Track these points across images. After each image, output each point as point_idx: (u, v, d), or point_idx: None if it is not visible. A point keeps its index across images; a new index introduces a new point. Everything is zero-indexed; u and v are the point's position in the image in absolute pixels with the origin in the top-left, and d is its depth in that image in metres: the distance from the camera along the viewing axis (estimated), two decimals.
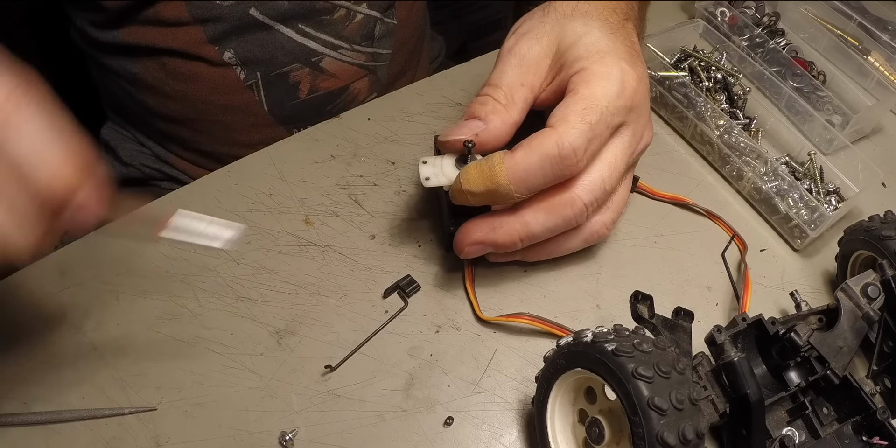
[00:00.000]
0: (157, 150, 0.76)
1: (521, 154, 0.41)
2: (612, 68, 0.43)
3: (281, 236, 0.52)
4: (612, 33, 0.45)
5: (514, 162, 0.41)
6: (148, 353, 0.46)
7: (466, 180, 0.42)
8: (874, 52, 0.66)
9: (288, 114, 0.70)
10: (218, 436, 0.43)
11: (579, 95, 0.42)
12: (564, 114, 0.41)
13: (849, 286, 0.43)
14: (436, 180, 0.45)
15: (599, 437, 0.38)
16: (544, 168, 0.41)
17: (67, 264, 0.50)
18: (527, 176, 0.41)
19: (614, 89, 0.42)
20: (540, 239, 0.45)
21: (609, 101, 0.42)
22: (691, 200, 0.56)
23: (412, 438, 0.43)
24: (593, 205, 0.44)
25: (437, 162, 0.46)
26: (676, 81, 0.61)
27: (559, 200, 0.43)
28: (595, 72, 0.43)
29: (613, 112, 0.42)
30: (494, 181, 0.41)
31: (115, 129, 0.78)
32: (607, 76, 0.42)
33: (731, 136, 0.57)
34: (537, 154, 0.41)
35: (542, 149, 0.41)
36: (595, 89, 0.42)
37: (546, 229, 0.44)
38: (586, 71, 0.43)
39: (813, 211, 0.53)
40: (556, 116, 0.42)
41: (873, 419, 0.40)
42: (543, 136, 0.41)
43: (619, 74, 0.43)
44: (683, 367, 0.35)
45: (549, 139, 0.41)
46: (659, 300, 0.42)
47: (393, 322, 0.48)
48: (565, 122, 0.41)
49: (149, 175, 0.78)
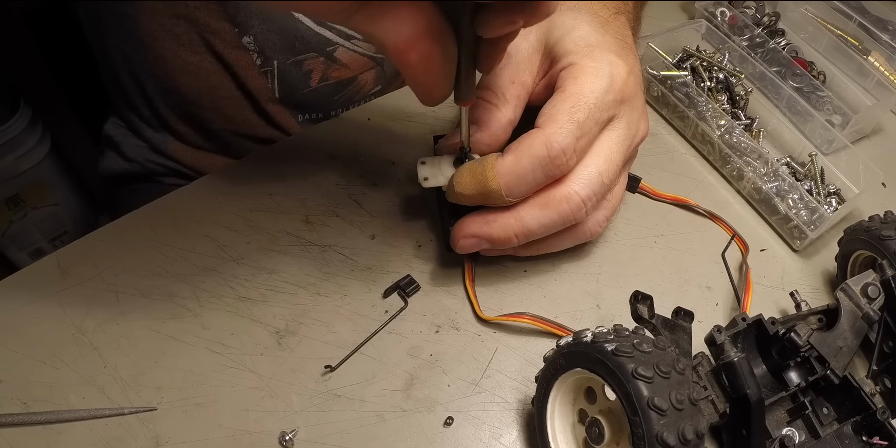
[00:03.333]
0: (156, 140, 0.76)
1: (510, 158, 0.41)
2: (601, 62, 0.43)
3: (281, 236, 0.52)
4: (601, 26, 0.45)
5: (505, 166, 0.41)
6: (148, 353, 0.46)
7: (459, 183, 0.43)
8: (874, 52, 0.66)
9: (297, 101, 0.71)
10: (218, 436, 0.43)
11: (567, 93, 0.42)
12: (552, 113, 0.42)
13: (849, 286, 0.43)
14: (434, 181, 0.45)
15: (599, 437, 0.38)
16: (535, 170, 0.41)
17: (67, 264, 0.50)
18: (517, 179, 0.41)
19: (602, 84, 0.42)
20: (537, 235, 0.45)
21: (597, 96, 0.42)
22: (693, 201, 0.56)
23: (412, 438, 0.43)
24: (591, 199, 0.43)
25: (435, 162, 0.46)
26: (678, 81, 0.61)
27: (555, 196, 0.43)
28: (583, 67, 0.43)
29: (602, 108, 0.42)
30: (485, 185, 0.42)
31: (118, 124, 0.79)
32: (596, 71, 0.42)
33: (732, 136, 0.57)
34: (527, 157, 0.41)
35: (532, 151, 0.41)
36: (583, 85, 0.42)
37: (542, 226, 0.44)
38: (574, 66, 0.43)
39: (812, 212, 0.53)
40: (543, 115, 0.42)
41: (873, 419, 0.40)
42: (532, 137, 0.41)
43: (607, 68, 0.43)
44: (683, 368, 0.35)
45: (538, 141, 0.41)
46: (659, 300, 0.42)
47: (393, 322, 0.48)
48: (553, 121, 0.41)
49: (151, 170, 0.78)
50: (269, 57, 0.66)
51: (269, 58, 0.66)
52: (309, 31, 0.66)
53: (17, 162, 1.11)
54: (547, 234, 0.45)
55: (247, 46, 0.65)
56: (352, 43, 0.69)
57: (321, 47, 0.67)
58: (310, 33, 0.66)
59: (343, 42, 0.68)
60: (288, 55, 0.66)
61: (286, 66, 0.67)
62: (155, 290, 0.49)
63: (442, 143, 0.47)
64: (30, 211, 1.16)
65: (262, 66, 0.67)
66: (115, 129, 0.79)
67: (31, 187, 1.15)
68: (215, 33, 0.64)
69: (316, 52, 0.67)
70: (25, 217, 1.17)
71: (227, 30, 0.64)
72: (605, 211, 0.47)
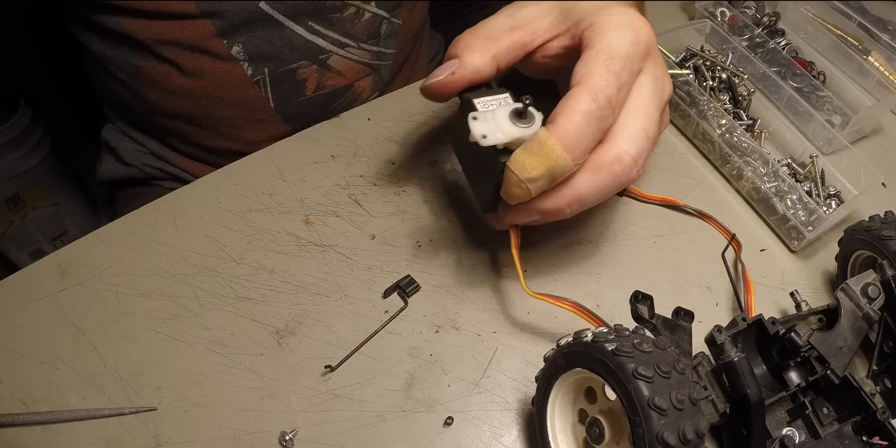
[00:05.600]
0: (156, 148, 0.76)
1: (562, 120, 0.39)
2: (621, 17, 0.43)
3: (281, 236, 0.52)
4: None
5: (561, 130, 0.39)
6: (148, 353, 0.46)
7: (522, 168, 0.39)
8: (874, 52, 0.66)
9: (293, 111, 0.70)
10: (218, 436, 0.43)
11: (597, 48, 0.42)
12: (587, 69, 0.41)
13: (849, 286, 0.43)
14: (493, 138, 0.39)
15: (599, 437, 0.38)
16: (590, 125, 0.39)
17: (67, 264, 0.50)
18: (577, 139, 0.39)
19: (629, 36, 0.42)
20: (589, 203, 0.42)
21: (627, 47, 0.42)
22: (682, 202, 0.56)
23: (412, 438, 0.43)
24: (641, 157, 0.42)
25: (489, 117, 0.40)
26: (680, 80, 0.61)
27: (605, 158, 0.41)
28: (605, 24, 0.43)
29: (634, 58, 0.42)
30: (551, 157, 0.38)
31: (116, 129, 0.78)
32: (619, 25, 0.42)
33: (733, 136, 0.57)
34: (578, 113, 0.39)
35: (581, 107, 0.39)
36: (610, 39, 0.42)
37: (597, 191, 0.41)
38: (596, 24, 0.43)
39: (811, 213, 0.53)
40: (578, 74, 0.41)
41: (873, 419, 0.40)
42: (575, 95, 0.40)
43: (628, 21, 0.43)
44: (684, 367, 0.35)
45: (584, 96, 0.40)
46: (659, 300, 0.42)
47: (393, 322, 0.48)
48: (590, 75, 0.40)
49: (150, 174, 0.78)
50: (260, 65, 0.66)
51: (259, 66, 0.66)
52: (300, 40, 0.65)
53: (17, 162, 1.11)
54: (601, 201, 0.43)
55: (236, 57, 0.64)
56: (346, 50, 0.69)
57: (314, 55, 0.67)
58: (301, 41, 0.66)
59: (337, 50, 0.68)
60: (279, 63, 0.66)
61: (278, 75, 0.67)
62: (155, 290, 0.49)
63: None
64: (30, 211, 1.16)
65: (253, 76, 0.66)
66: (113, 134, 0.78)
67: (31, 187, 1.15)
68: (204, 50, 0.64)
69: (308, 59, 0.67)
70: (25, 217, 1.17)
71: (216, 44, 0.63)
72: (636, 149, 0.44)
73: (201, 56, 0.64)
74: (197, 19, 0.62)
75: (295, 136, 0.59)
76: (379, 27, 0.70)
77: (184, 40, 0.63)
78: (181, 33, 0.62)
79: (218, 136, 0.72)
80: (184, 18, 0.61)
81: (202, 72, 0.65)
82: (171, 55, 0.64)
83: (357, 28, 0.68)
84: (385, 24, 0.70)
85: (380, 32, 0.70)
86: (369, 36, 0.69)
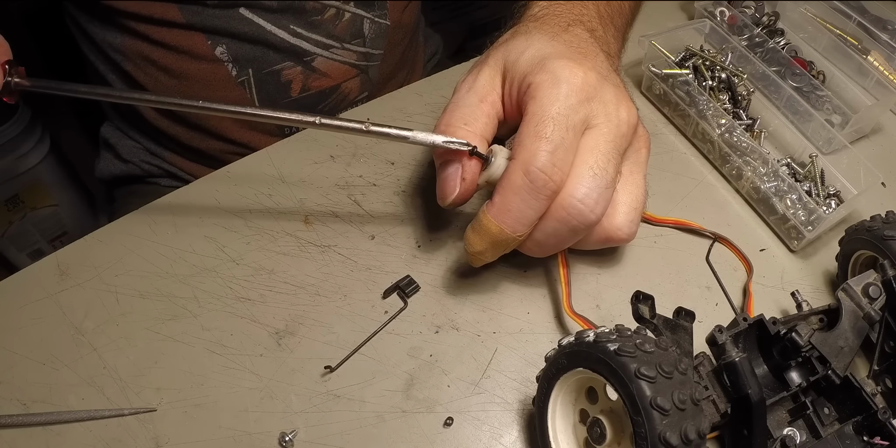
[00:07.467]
0: (152, 147, 0.77)
1: (497, 198, 0.42)
2: (552, 73, 0.42)
3: (280, 237, 0.52)
4: (551, 39, 0.46)
5: (496, 208, 0.41)
6: (147, 353, 0.46)
7: (468, 244, 0.44)
8: (874, 52, 0.66)
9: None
10: (218, 437, 0.43)
11: (528, 114, 0.42)
12: (520, 139, 0.42)
13: (850, 286, 0.43)
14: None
15: (601, 437, 0.37)
16: (525, 200, 0.41)
17: (67, 264, 0.50)
18: (513, 215, 0.41)
19: (560, 91, 0.42)
20: (551, 245, 0.45)
21: (559, 105, 0.41)
22: (698, 224, 0.54)
23: (412, 439, 0.43)
24: (590, 196, 0.42)
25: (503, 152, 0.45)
26: (679, 79, 0.61)
27: (553, 206, 0.42)
28: (538, 83, 0.43)
29: (568, 113, 0.41)
30: (489, 233, 0.42)
31: (114, 127, 0.79)
32: (550, 82, 0.42)
33: (733, 136, 0.57)
34: (510, 191, 0.41)
35: (512, 184, 0.41)
36: (542, 101, 0.42)
37: (548, 235, 0.43)
38: (531, 86, 0.43)
39: (810, 213, 0.53)
40: (514, 144, 0.42)
41: (874, 419, 0.40)
42: (509, 171, 0.41)
43: (560, 74, 0.42)
44: (685, 368, 0.35)
45: (515, 172, 0.41)
46: (659, 300, 0.42)
47: (393, 322, 0.48)
48: (521, 147, 0.41)
49: (148, 171, 0.78)
50: (244, 66, 0.66)
51: (243, 67, 0.66)
52: (284, 43, 0.66)
53: (16, 162, 1.10)
54: (561, 242, 0.45)
55: (220, 58, 0.65)
56: (330, 52, 0.69)
57: (298, 58, 0.67)
58: (285, 45, 0.66)
59: (321, 52, 0.68)
60: (262, 65, 0.67)
61: (262, 76, 0.67)
62: (154, 290, 0.49)
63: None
64: (29, 211, 1.16)
65: (238, 77, 0.67)
66: (111, 132, 0.79)
67: (31, 188, 1.14)
68: (188, 52, 0.64)
69: (293, 61, 0.67)
70: (25, 218, 1.16)
71: (200, 45, 0.64)
72: (623, 206, 0.46)
73: (186, 57, 0.65)
74: (181, 25, 0.62)
75: (294, 137, 0.59)
76: (361, 27, 0.70)
77: (169, 42, 0.64)
78: (167, 36, 0.63)
79: (207, 137, 0.72)
80: (172, 26, 0.62)
81: (187, 73, 0.66)
82: (156, 57, 0.65)
83: (339, 29, 0.68)
84: (368, 23, 0.70)
85: (363, 32, 0.70)
86: (353, 36, 0.70)
